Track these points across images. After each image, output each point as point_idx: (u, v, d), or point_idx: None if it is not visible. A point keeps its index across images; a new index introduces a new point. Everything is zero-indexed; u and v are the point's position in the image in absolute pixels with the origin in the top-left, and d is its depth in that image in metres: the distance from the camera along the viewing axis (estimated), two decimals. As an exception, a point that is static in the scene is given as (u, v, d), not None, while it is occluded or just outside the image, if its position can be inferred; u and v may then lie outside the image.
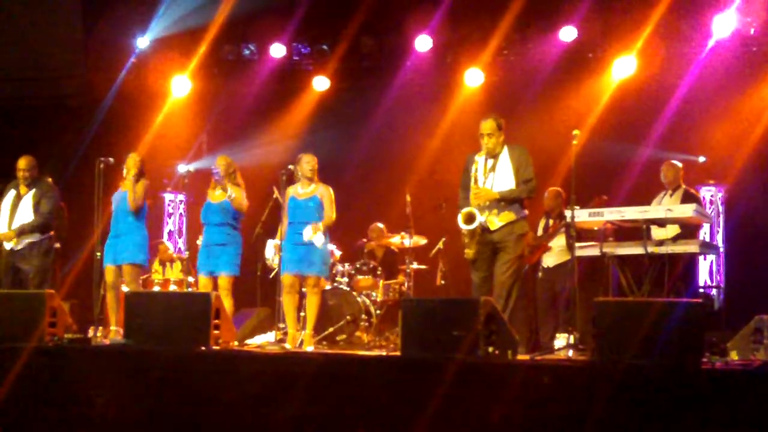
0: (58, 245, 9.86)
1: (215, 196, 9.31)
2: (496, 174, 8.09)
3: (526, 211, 8.19)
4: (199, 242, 9.42)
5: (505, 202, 8.03)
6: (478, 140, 8.29)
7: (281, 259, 8.87)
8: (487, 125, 8.17)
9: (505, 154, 8.16)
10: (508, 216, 8.01)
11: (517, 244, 8.08)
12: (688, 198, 9.22)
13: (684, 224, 8.64)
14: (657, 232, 8.70)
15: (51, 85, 13.56)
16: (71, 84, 13.62)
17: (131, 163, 9.46)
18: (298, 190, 9.05)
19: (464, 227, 7.92)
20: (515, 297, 8.01)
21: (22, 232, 9.53)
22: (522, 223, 8.14)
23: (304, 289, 9.08)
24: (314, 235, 8.77)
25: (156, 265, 12.52)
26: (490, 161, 8.13)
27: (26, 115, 13.28)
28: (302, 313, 9.22)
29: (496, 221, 7.99)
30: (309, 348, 8.74)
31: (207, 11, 12.73)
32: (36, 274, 9.51)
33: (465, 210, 7.96)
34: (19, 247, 9.55)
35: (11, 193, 9.71)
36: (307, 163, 9.02)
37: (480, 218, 7.90)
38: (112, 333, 9.00)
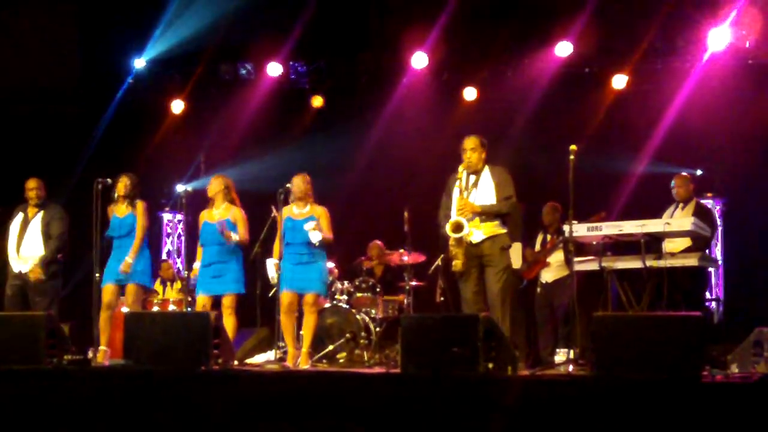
0: (60, 267, 9.83)
1: (213, 215, 9.29)
2: (477, 190, 8.16)
3: (506, 228, 8.21)
4: (196, 265, 9.37)
5: (486, 216, 8.08)
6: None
7: (280, 278, 8.88)
8: (470, 141, 8.27)
9: (486, 172, 8.24)
10: (490, 228, 8.06)
11: (502, 257, 8.13)
12: (700, 211, 9.17)
13: (694, 237, 8.64)
14: (668, 245, 8.69)
15: (48, 106, 13.57)
16: (68, 105, 13.63)
17: (121, 186, 9.42)
18: (294, 211, 9.07)
19: (453, 235, 7.97)
20: (509, 309, 8.06)
21: (45, 263, 9.56)
22: (504, 237, 8.15)
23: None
24: (314, 230, 8.81)
25: (157, 285, 12.52)
26: (472, 177, 8.22)
27: (23, 137, 13.29)
28: (301, 332, 9.22)
29: (478, 233, 8.03)
30: (305, 366, 8.74)
31: (203, 32, 12.77)
32: (44, 297, 9.50)
33: (452, 219, 8.02)
34: (27, 269, 9.55)
35: (19, 216, 9.70)
36: (296, 185, 9.03)
37: (467, 228, 7.94)
38: (100, 353, 8.97)
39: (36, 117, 13.57)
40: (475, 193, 8.16)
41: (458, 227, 7.98)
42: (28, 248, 9.59)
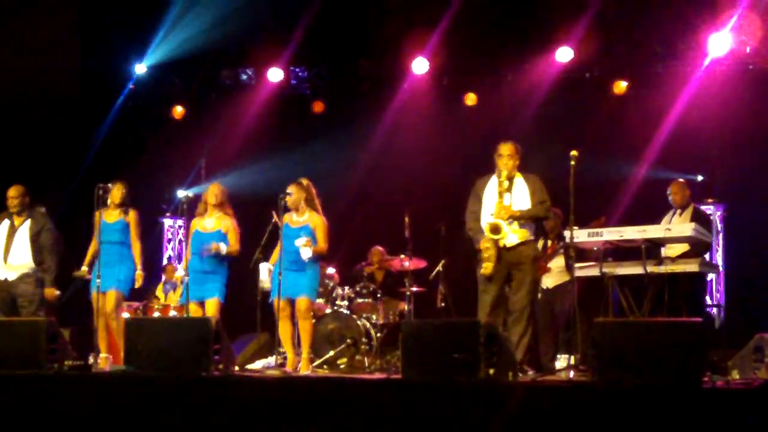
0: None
1: (205, 226, 9.31)
2: (512, 195, 8.15)
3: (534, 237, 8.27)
4: (179, 273, 9.40)
5: (523, 220, 8.10)
6: (477, 161, 8.34)
7: (274, 285, 8.87)
8: (508, 147, 8.25)
9: (519, 179, 8.23)
10: (524, 234, 8.09)
11: (533, 268, 8.21)
12: (697, 216, 9.18)
13: (692, 243, 8.64)
14: (667, 251, 8.70)
15: (49, 111, 13.59)
16: (69, 111, 13.64)
17: (117, 194, 9.44)
18: (293, 218, 9.09)
19: (492, 236, 7.95)
20: (533, 321, 8.16)
21: (55, 280, 9.59)
22: (534, 246, 8.25)
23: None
24: (305, 246, 8.82)
25: (159, 289, 12.51)
26: (505, 183, 8.17)
27: (24, 142, 13.30)
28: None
29: (513, 237, 8.04)
30: (306, 372, 8.73)
31: (204, 37, 12.78)
32: (33, 301, 9.50)
33: (491, 221, 8.00)
34: (14, 278, 9.54)
35: (5, 224, 9.65)
36: (291, 193, 9.04)
37: (506, 229, 7.95)
38: (102, 360, 8.97)
39: (37, 122, 13.58)
40: (509, 197, 8.15)
41: (496, 229, 7.97)
42: (16, 256, 9.55)
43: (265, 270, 9.31)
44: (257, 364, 9.80)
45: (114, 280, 9.24)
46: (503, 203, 8.08)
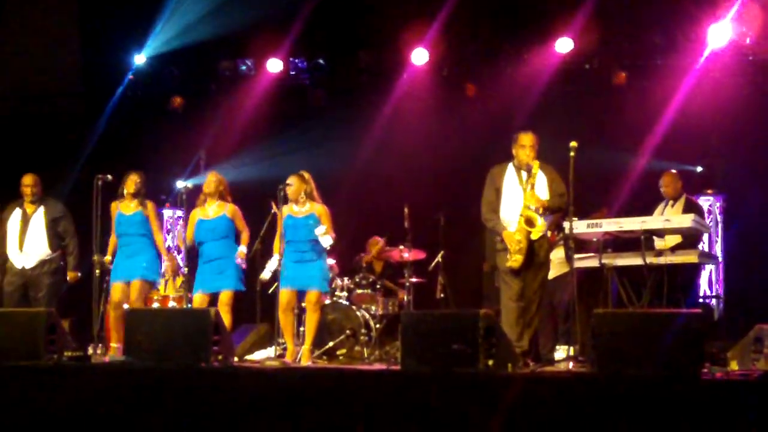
0: (62, 262, 9.87)
1: (208, 214, 9.30)
2: (533, 187, 8.10)
3: None
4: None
5: (548, 212, 8.08)
6: (476, 152, 8.33)
7: (280, 276, 8.86)
8: (530, 137, 8.17)
9: (538, 170, 8.14)
10: (545, 226, 8.06)
11: (548, 258, 8.22)
12: (690, 207, 9.20)
13: (686, 234, 8.64)
14: (658, 242, 8.72)
15: (48, 102, 13.58)
16: (69, 102, 13.63)
17: (131, 184, 9.43)
18: (294, 209, 9.05)
19: (527, 228, 7.91)
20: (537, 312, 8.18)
21: (78, 264, 9.82)
22: (548, 239, 8.20)
23: (303, 304, 9.12)
24: (324, 234, 8.81)
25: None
26: (524, 174, 8.11)
27: (24, 133, 13.29)
28: (302, 328, 9.22)
29: (536, 231, 8.02)
30: (306, 363, 8.74)
31: (203, 27, 12.76)
32: (46, 294, 9.57)
33: (526, 213, 7.94)
34: (32, 265, 9.60)
35: (17, 212, 9.74)
36: (291, 184, 9.01)
37: (540, 221, 7.92)
38: (113, 350, 8.99)
39: (37, 113, 13.57)
40: (531, 189, 8.12)
41: (531, 222, 7.93)
42: (32, 244, 9.65)
43: (275, 262, 9.26)
44: (257, 355, 9.80)
45: (139, 270, 9.28)
46: (535, 194, 8.02)
